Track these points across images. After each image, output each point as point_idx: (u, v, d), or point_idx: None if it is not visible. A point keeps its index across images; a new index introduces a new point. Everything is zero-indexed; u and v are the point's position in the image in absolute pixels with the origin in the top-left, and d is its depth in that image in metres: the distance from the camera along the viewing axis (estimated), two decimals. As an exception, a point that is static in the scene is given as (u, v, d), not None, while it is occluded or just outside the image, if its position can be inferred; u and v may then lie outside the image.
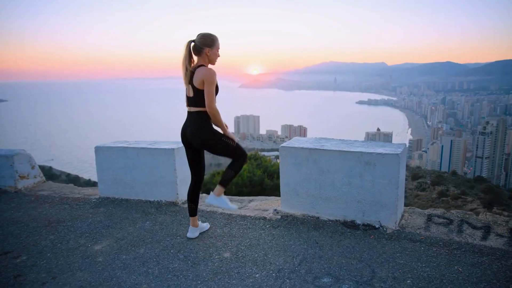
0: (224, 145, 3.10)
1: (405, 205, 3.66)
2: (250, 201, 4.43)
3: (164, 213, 4.08)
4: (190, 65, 3.07)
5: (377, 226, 3.30)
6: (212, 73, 2.96)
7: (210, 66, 3.12)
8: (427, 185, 43.09)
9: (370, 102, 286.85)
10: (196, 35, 3.06)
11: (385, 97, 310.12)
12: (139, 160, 4.41)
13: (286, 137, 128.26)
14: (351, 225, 3.38)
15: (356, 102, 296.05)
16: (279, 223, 3.60)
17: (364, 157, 3.26)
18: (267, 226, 3.57)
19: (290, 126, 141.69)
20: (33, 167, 5.48)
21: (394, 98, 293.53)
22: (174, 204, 4.31)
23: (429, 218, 3.44)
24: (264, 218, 3.75)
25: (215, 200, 3.25)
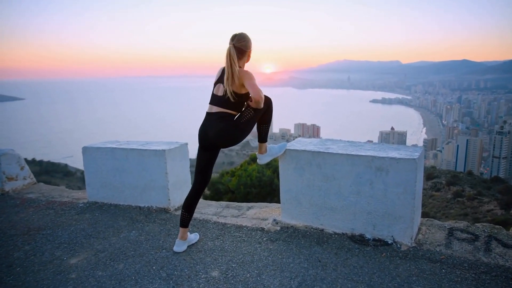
0: (249, 121, 2.84)
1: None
2: (249, 208, 4.02)
3: (153, 221, 3.71)
4: (238, 68, 2.77)
5: (389, 242, 2.86)
6: (249, 71, 2.78)
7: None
8: (442, 185, 42.04)
9: (384, 101, 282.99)
10: (233, 39, 2.78)
11: (399, 96, 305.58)
12: (128, 162, 4.05)
13: (299, 135, 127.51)
14: (360, 240, 2.95)
15: (370, 101, 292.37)
16: (278, 236, 3.19)
17: (375, 162, 2.82)
18: (264, 239, 3.16)
19: (303, 124, 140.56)
20: (22, 168, 5.17)
21: (409, 97, 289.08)
22: (165, 210, 3.94)
23: (451, 232, 2.98)
24: (262, 229, 3.34)
25: (267, 157, 3.20)
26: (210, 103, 2.88)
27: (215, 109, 2.83)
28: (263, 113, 2.93)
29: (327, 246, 2.94)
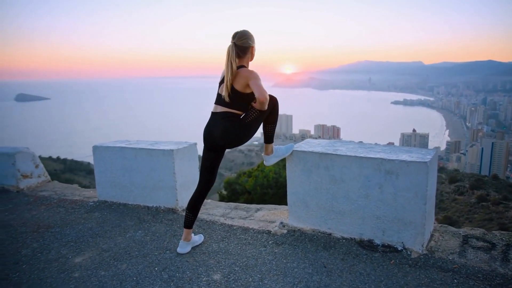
0: (254, 121, 2.77)
1: (442, 209, 3.09)
2: (258, 210, 3.94)
3: (160, 222, 3.68)
4: (236, 66, 2.71)
5: (399, 249, 2.73)
6: (254, 71, 2.69)
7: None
8: (465, 189, 40.83)
9: (405, 102, 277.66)
10: (235, 37, 2.72)
11: (422, 97, 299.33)
12: (137, 162, 4.04)
13: (319, 136, 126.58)
14: (368, 246, 2.83)
15: (391, 102, 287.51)
16: (284, 239, 3.10)
17: (384, 164, 2.71)
18: (270, 242, 3.09)
19: (323, 126, 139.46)
20: (37, 166, 5.25)
21: (431, 98, 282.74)
22: (173, 211, 3.91)
23: (465, 240, 2.84)
24: (268, 232, 3.27)
25: (273, 158, 3.11)
26: (215, 103, 2.84)
27: (220, 108, 2.77)
28: (269, 113, 2.85)
29: (333, 251, 2.84)
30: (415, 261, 2.61)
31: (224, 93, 2.70)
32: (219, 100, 2.78)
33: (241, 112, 2.76)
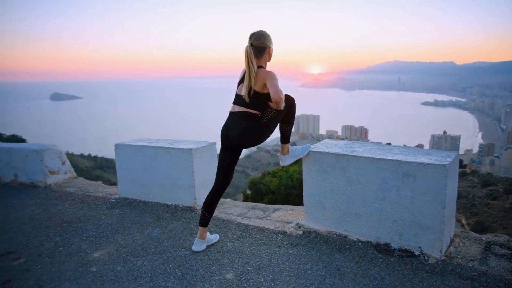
0: (271, 121, 2.76)
1: (473, 214, 2.98)
2: (275, 210, 3.93)
3: (178, 220, 3.73)
4: (256, 67, 2.72)
5: (416, 253, 2.65)
6: (272, 72, 2.68)
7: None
8: (499, 194, 39.23)
9: (436, 103, 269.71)
10: (251, 38, 2.73)
11: (453, 98, 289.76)
12: (156, 160, 4.11)
13: (346, 137, 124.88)
14: (385, 249, 2.77)
15: (421, 103, 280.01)
16: (299, 240, 3.08)
17: (401, 167, 2.63)
18: (285, 243, 3.07)
19: (351, 126, 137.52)
20: (63, 163, 5.44)
21: (463, 99, 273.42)
22: (191, 209, 3.95)
23: (488, 247, 2.72)
24: (284, 233, 3.25)
25: (289, 158, 3.09)
26: (233, 103, 2.85)
27: (237, 108, 2.78)
28: (285, 113, 2.84)
29: (348, 254, 2.79)
30: (432, 267, 2.52)
31: (243, 93, 2.71)
32: (238, 100, 2.79)
33: (259, 112, 2.76)
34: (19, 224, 3.87)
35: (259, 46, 2.70)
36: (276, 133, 3.03)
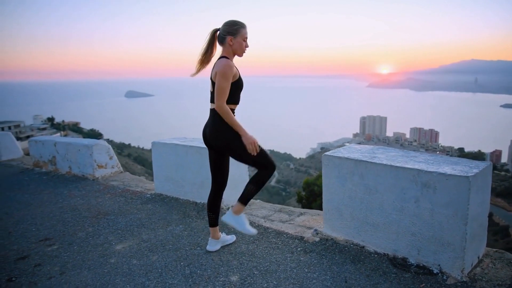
0: (240, 145, 2.62)
1: None
2: (301, 214, 3.84)
3: (202, 218, 3.80)
4: (209, 55, 2.70)
5: (435, 271, 2.43)
6: (227, 65, 2.52)
7: (236, 57, 2.71)
8: None
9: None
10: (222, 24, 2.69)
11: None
12: (187, 159, 4.22)
13: (415, 140, 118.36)
14: (401, 264, 2.57)
15: (501, 106, 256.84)
16: (314, 248, 2.97)
17: (421, 176, 2.43)
18: (299, 249, 2.98)
19: (420, 129, 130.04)
20: (111, 158, 5.80)
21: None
22: (217, 208, 4.00)
23: (522, 270, 2.41)
24: (301, 238, 3.16)
25: (232, 219, 2.81)
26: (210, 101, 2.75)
27: (211, 105, 2.68)
28: (256, 174, 2.69)
29: (361, 265, 2.64)
30: (450, 288, 2.29)
31: (210, 86, 2.64)
32: (211, 96, 2.69)
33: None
34: (62, 212, 4.20)
35: (220, 33, 2.64)
36: (342, 128, 2.83)
